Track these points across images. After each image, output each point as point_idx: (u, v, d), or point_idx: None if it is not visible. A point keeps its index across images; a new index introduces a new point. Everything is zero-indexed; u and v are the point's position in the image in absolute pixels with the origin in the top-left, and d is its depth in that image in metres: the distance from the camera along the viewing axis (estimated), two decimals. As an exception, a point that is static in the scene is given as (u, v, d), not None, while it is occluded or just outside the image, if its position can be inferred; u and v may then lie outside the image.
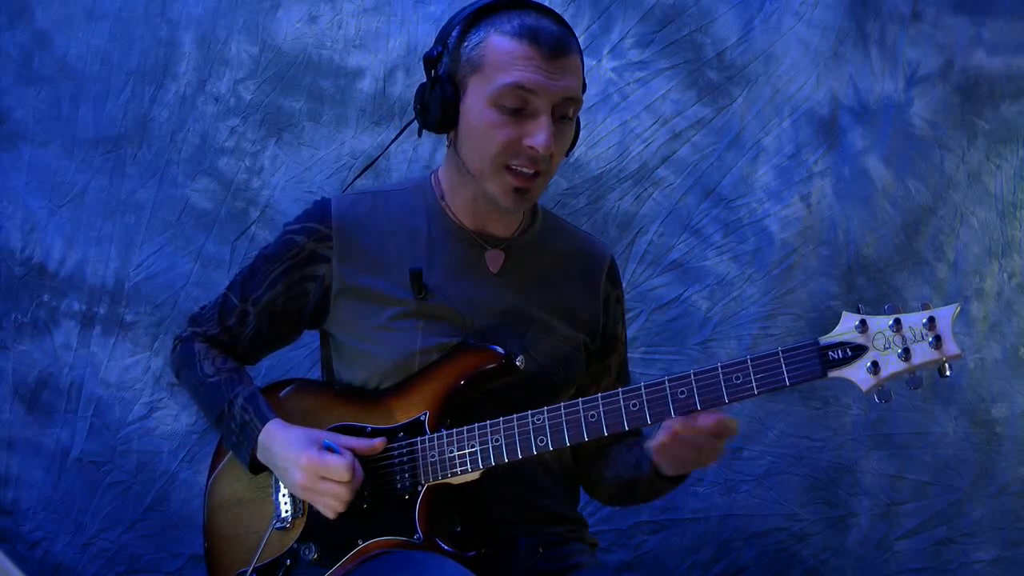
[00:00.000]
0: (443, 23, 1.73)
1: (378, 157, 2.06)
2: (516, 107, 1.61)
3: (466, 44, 1.65)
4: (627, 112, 2.64)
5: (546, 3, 2.55)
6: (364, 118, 2.67)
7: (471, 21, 1.66)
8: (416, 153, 2.63)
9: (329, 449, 1.61)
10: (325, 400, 1.76)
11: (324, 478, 1.59)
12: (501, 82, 1.61)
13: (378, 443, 1.64)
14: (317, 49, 2.69)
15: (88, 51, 2.70)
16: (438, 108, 1.67)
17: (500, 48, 1.62)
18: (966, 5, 2.62)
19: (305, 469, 1.59)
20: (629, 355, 1.96)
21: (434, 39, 1.73)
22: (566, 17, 2.57)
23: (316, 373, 1.97)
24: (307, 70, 2.69)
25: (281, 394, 1.80)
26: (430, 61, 1.70)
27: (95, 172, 2.68)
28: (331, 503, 1.60)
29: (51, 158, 2.68)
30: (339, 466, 1.58)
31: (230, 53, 2.69)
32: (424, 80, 1.71)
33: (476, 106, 1.64)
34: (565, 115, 1.65)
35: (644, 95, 2.64)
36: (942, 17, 2.62)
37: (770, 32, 2.64)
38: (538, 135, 1.61)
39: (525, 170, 1.64)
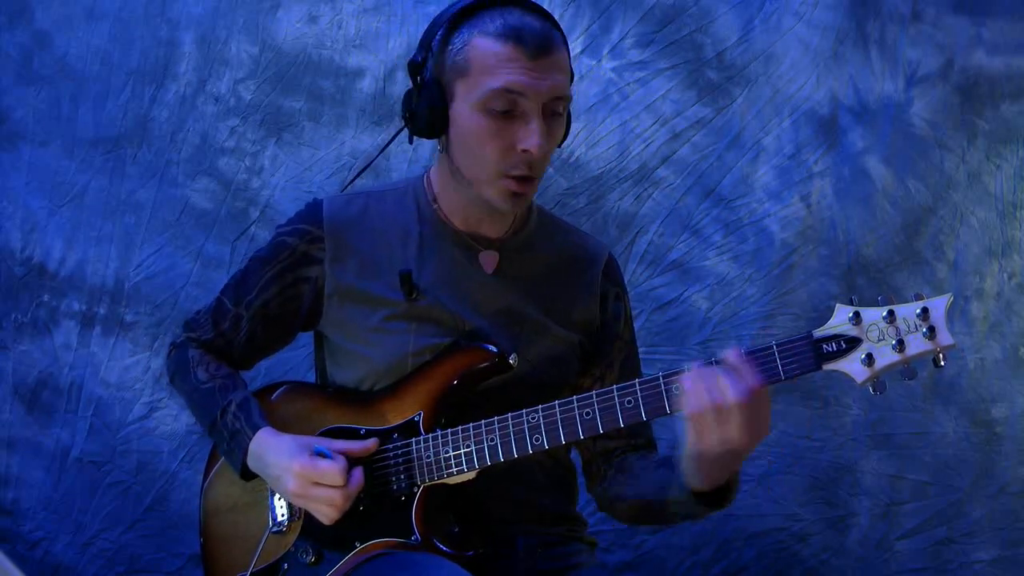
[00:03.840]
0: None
1: (368, 164, 2.05)
2: (505, 110, 1.58)
3: (450, 48, 1.61)
4: (627, 112, 2.64)
5: (547, 4, 2.59)
6: (364, 118, 2.67)
7: (453, 23, 1.62)
8: (416, 153, 2.63)
9: (320, 455, 1.59)
10: (319, 402, 1.75)
11: (317, 483, 1.57)
12: (488, 87, 1.57)
13: (371, 443, 1.63)
14: (317, 49, 2.69)
15: (88, 51, 2.70)
16: (426, 115, 1.64)
17: (484, 50, 1.57)
18: (966, 5, 2.61)
19: (297, 475, 1.57)
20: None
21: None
22: (566, 17, 2.63)
23: (314, 374, 1.97)
24: (307, 70, 2.69)
25: (273, 397, 1.79)
26: (415, 67, 1.66)
27: (95, 172, 2.68)
28: (325, 509, 1.58)
29: (51, 158, 2.69)
30: (332, 471, 1.56)
31: (230, 53, 2.69)
32: (410, 87, 1.68)
33: (465, 112, 1.60)
34: (556, 112, 1.62)
35: (644, 95, 2.64)
36: (942, 17, 2.61)
37: (770, 32, 2.63)
38: (531, 138, 1.58)
39: (522, 174, 1.61)
